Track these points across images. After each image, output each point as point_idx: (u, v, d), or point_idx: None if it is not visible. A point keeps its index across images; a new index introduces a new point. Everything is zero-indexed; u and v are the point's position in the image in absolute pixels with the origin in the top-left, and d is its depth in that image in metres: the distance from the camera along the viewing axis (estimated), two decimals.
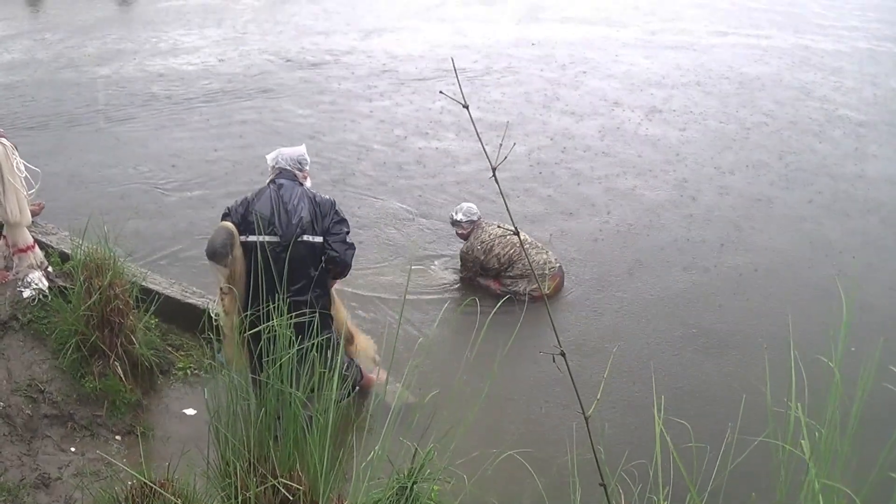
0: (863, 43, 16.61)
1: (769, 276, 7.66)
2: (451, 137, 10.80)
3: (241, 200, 4.86)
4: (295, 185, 4.87)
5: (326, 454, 3.06)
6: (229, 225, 4.72)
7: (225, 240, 4.66)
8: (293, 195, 4.79)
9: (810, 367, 2.56)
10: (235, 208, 4.82)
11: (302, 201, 4.78)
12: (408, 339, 6.11)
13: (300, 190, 4.86)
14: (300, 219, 4.72)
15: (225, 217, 4.86)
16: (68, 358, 5.11)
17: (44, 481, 4.39)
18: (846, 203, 9.28)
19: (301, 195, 4.81)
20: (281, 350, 3.34)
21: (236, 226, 4.74)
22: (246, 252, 4.71)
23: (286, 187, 4.83)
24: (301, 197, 4.80)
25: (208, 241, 4.75)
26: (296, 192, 4.81)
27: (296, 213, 4.73)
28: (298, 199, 4.78)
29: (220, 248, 4.65)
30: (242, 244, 4.73)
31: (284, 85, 12.69)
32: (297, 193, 4.81)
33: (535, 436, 5.39)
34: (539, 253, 7.11)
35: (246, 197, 4.88)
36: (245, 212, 4.75)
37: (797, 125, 11.70)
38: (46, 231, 6.77)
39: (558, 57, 14.64)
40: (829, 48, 16.06)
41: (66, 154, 9.78)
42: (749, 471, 2.89)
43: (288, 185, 4.85)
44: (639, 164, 10.17)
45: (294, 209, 4.73)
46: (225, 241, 4.66)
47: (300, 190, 4.86)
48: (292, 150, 5.06)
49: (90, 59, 13.49)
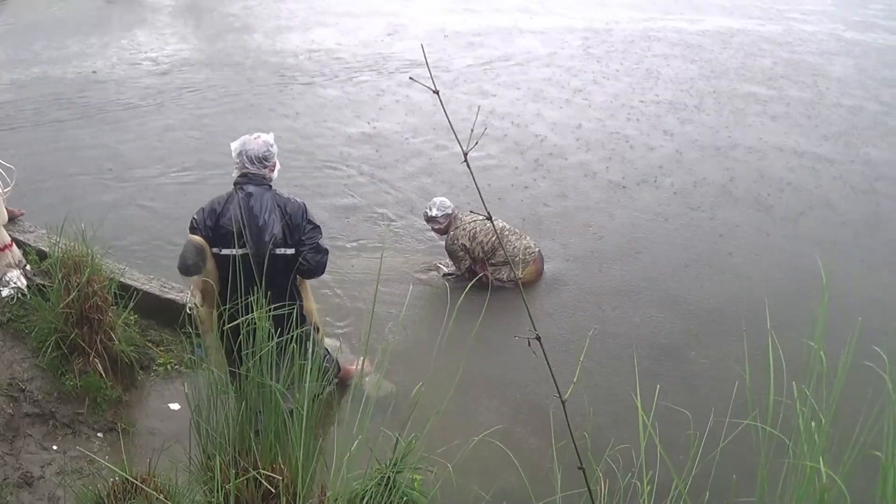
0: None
1: (751, 258, 7.70)
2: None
3: (209, 211, 4.62)
4: (264, 191, 4.64)
5: (307, 446, 3.05)
6: (199, 239, 4.56)
7: (196, 255, 4.55)
8: (263, 207, 4.58)
9: (792, 350, 2.56)
10: (203, 220, 4.61)
11: (273, 214, 4.59)
12: (381, 327, 6.11)
13: (269, 198, 4.63)
14: (272, 235, 4.56)
15: (193, 230, 4.64)
16: (48, 356, 5.06)
17: (26, 480, 4.36)
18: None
19: (272, 207, 4.60)
20: (260, 343, 3.33)
21: (207, 239, 4.59)
22: (218, 263, 4.59)
23: (255, 196, 4.60)
24: (272, 209, 4.60)
25: (180, 256, 4.59)
26: (265, 204, 4.59)
27: (267, 228, 4.56)
28: (269, 211, 4.58)
29: (192, 264, 4.54)
30: (215, 256, 4.60)
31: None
32: (266, 205, 4.59)
33: (516, 422, 5.40)
34: (518, 239, 7.11)
35: (213, 207, 4.63)
36: (215, 225, 4.57)
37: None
38: (24, 229, 6.70)
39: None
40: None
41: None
42: (735, 453, 2.91)
43: (256, 193, 4.61)
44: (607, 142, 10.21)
45: (265, 224, 4.55)
46: (196, 257, 4.56)
47: (269, 198, 4.63)
48: (257, 144, 4.69)
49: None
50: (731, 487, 2.58)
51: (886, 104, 12.34)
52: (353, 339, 6.21)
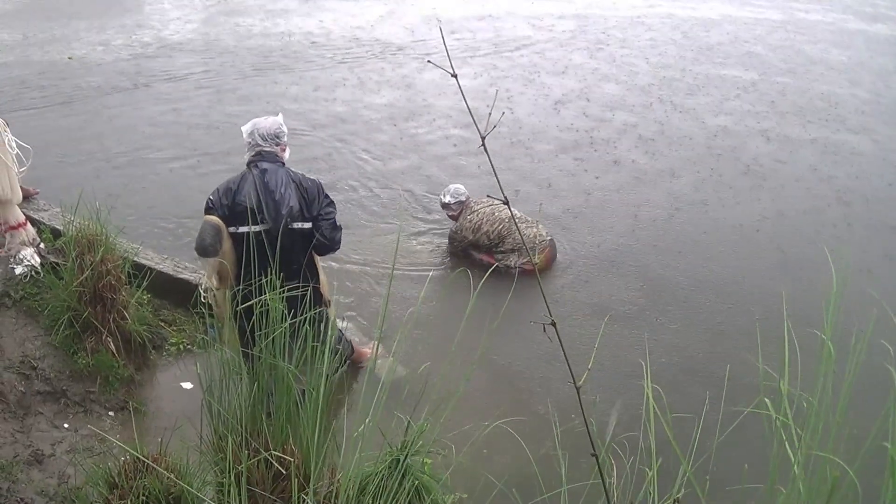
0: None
1: (763, 247, 7.68)
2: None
3: (224, 190, 4.63)
4: (278, 167, 4.67)
5: (319, 428, 3.06)
6: (215, 219, 4.57)
7: (214, 235, 4.55)
8: (279, 182, 4.61)
9: (805, 340, 2.55)
10: (219, 200, 4.61)
11: (289, 188, 4.62)
12: (398, 312, 6.12)
13: (284, 174, 4.66)
14: (290, 208, 4.59)
15: (209, 210, 4.64)
16: (61, 334, 5.10)
17: (37, 458, 4.39)
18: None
19: (287, 181, 4.64)
20: (273, 324, 3.34)
21: (224, 218, 4.59)
22: (235, 242, 4.60)
23: (270, 172, 4.63)
24: (287, 183, 4.63)
25: (197, 238, 4.59)
26: (281, 178, 4.63)
27: (284, 201, 4.58)
28: (285, 185, 4.61)
29: (210, 245, 4.54)
30: (232, 235, 4.61)
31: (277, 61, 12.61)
32: (282, 180, 4.62)
33: (528, 407, 5.40)
34: (529, 227, 7.13)
35: (229, 186, 4.64)
36: (231, 203, 4.57)
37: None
38: (38, 207, 6.73)
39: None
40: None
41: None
42: (744, 442, 2.90)
43: (271, 169, 4.64)
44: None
45: (282, 198, 4.58)
46: (214, 237, 4.56)
47: (284, 174, 4.66)
48: (268, 122, 4.75)
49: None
50: (741, 477, 2.57)
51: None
52: (365, 322, 6.23)
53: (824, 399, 2.24)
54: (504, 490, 3.11)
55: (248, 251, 4.09)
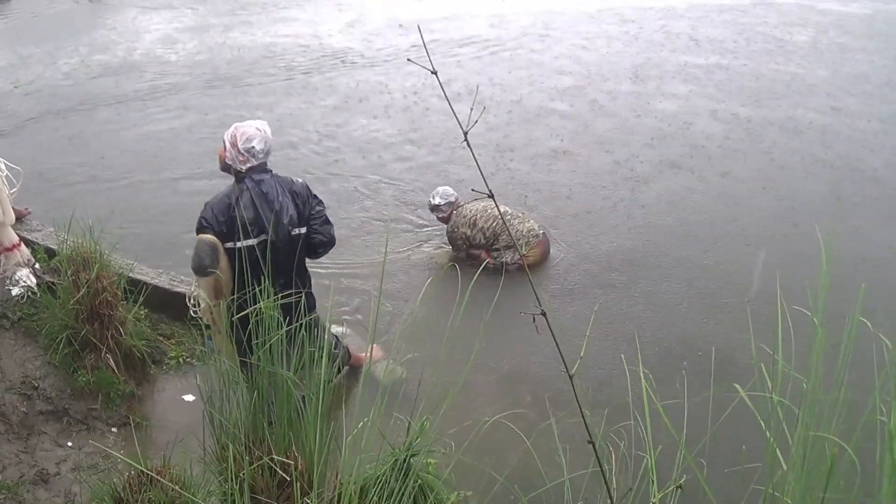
0: None
1: (754, 226, 7.71)
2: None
3: (221, 207, 4.55)
4: (268, 177, 4.64)
5: (320, 432, 3.07)
6: (211, 238, 4.53)
7: (211, 254, 4.52)
8: (276, 191, 4.60)
9: (797, 319, 2.56)
10: (215, 217, 4.54)
11: (285, 196, 4.62)
12: (392, 313, 6.13)
13: (276, 182, 4.64)
14: (290, 216, 4.61)
15: (203, 229, 4.58)
16: (60, 353, 5.10)
17: (42, 477, 4.40)
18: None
19: (281, 189, 4.63)
20: (269, 332, 3.35)
21: (221, 235, 4.55)
22: (232, 257, 4.57)
23: (265, 182, 4.60)
24: (283, 192, 4.62)
25: (193, 257, 4.54)
26: (274, 187, 4.61)
27: (285, 210, 4.59)
28: (281, 194, 4.61)
29: (208, 264, 4.50)
30: (228, 251, 4.57)
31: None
32: (276, 189, 4.61)
33: (526, 400, 5.43)
34: (521, 222, 7.16)
35: (225, 202, 4.57)
36: (229, 219, 4.52)
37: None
38: (31, 228, 6.73)
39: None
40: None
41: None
42: (744, 422, 2.91)
43: (266, 179, 4.61)
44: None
45: (282, 207, 4.58)
46: (212, 256, 4.53)
47: (276, 182, 4.64)
48: (260, 136, 4.58)
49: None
50: (739, 457, 2.59)
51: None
52: (360, 323, 6.25)
53: (815, 377, 2.25)
54: (506, 485, 3.12)
55: (249, 264, 4.08)
